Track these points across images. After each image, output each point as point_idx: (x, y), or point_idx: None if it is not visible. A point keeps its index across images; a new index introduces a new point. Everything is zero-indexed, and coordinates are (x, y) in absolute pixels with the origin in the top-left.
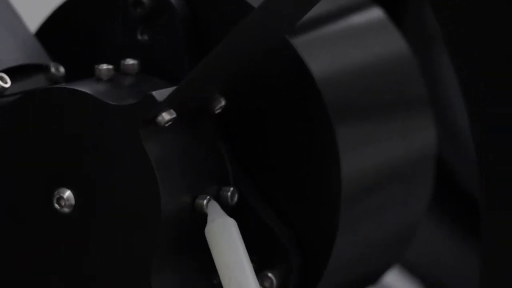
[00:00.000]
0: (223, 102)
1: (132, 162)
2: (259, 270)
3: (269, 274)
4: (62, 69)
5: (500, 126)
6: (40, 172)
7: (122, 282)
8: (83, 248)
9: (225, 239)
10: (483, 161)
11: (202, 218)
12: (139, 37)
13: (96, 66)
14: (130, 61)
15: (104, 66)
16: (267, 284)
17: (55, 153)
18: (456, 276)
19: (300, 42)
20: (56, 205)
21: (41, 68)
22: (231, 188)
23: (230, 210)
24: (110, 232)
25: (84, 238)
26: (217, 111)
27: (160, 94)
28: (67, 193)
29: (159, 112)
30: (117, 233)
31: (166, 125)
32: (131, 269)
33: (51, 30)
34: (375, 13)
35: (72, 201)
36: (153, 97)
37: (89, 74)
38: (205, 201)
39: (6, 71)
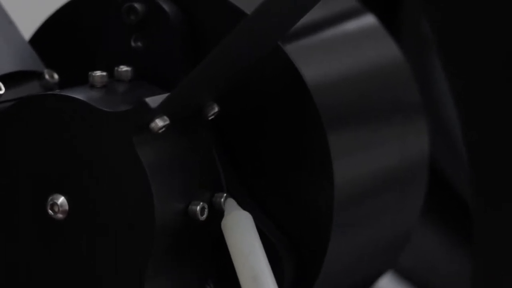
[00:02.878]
0: (216, 109)
1: (125, 169)
2: None
3: None
4: (56, 76)
5: (491, 130)
6: (34, 178)
7: (115, 287)
8: (77, 255)
9: (241, 230)
10: (475, 164)
11: (195, 225)
12: (133, 44)
13: (90, 72)
14: (124, 68)
15: (98, 73)
16: None
17: (49, 159)
18: (450, 281)
19: (293, 49)
20: (50, 211)
21: (35, 75)
22: (225, 194)
23: (223, 217)
24: (103, 238)
25: (77, 244)
26: (210, 118)
27: (154, 101)
28: (61, 199)
29: (152, 119)
30: (110, 239)
31: (160, 131)
32: (125, 275)
33: (45, 37)
34: (368, 20)
35: (66, 207)
36: (146, 104)
37: (83, 81)
38: (198, 208)
39: (0, 78)
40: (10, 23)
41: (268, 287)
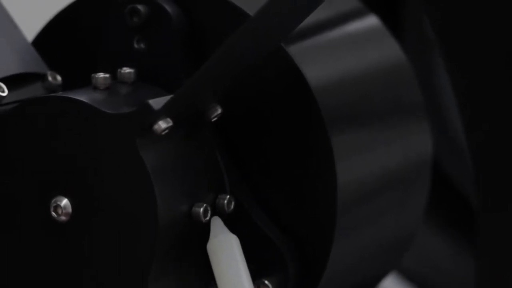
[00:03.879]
0: (219, 110)
1: (128, 171)
2: (256, 277)
3: (266, 282)
4: (59, 78)
5: (494, 130)
6: (37, 180)
7: None
8: (80, 256)
9: (226, 255)
10: (478, 164)
11: (198, 226)
12: (136, 45)
13: (92, 75)
14: (126, 70)
15: (101, 75)
16: None
17: (52, 161)
18: (453, 281)
19: (296, 50)
20: (53, 213)
21: (38, 77)
22: (228, 196)
23: (227, 218)
24: (107, 240)
25: (81, 246)
26: (213, 119)
27: (157, 103)
28: (64, 201)
29: (155, 121)
30: (114, 241)
31: (163, 133)
32: (128, 277)
33: (48, 39)
34: (371, 21)
35: (69, 209)
36: (149, 106)
37: (86, 83)
38: (201, 209)
39: (3, 80)
40: (13, 25)
41: None
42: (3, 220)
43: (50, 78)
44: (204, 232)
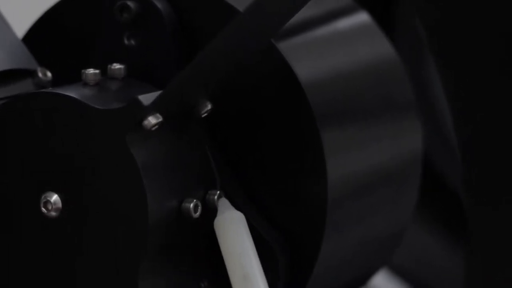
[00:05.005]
0: (209, 106)
1: (118, 166)
2: None
3: None
4: (49, 74)
5: (484, 126)
6: (27, 176)
7: (109, 286)
8: (70, 252)
9: (233, 230)
10: (468, 161)
11: (189, 222)
12: (126, 41)
13: (83, 70)
14: (117, 66)
15: (91, 71)
16: None
17: (42, 157)
18: (443, 278)
19: (286, 46)
20: (43, 209)
21: (28, 73)
22: (218, 192)
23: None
24: (97, 235)
25: (71, 242)
26: (203, 115)
27: (147, 98)
28: (54, 197)
29: (145, 116)
30: (104, 237)
31: (153, 129)
32: (119, 273)
33: (38, 35)
34: (362, 18)
35: (59, 205)
36: (139, 101)
37: (76, 79)
38: (192, 205)
39: None
40: (3, 21)
41: (258, 286)
42: None
43: (40, 74)
44: (194, 228)
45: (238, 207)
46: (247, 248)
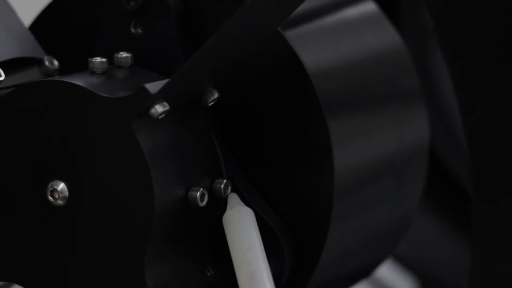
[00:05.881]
0: (216, 95)
1: (125, 155)
2: None
3: None
4: (56, 62)
5: (491, 114)
6: (34, 165)
7: (116, 273)
8: (77, 240)
9: (242, 225)
10: (474, 152)
11: (195, 211)
12: (133, 30)
13: (89, 59)
14: (123, 54)
15: (98, 59)
16: None
17: (48, 145)
18: (449, 268)
19: (293, 35)
20: (50, 198)
21: (35, 62)
22: (224, 181)
23: (224, 203)
24: (103, 223)
25: (78, 230)
26: (210, 104)
27: (153, 87)
28: (61, 186)
29: (152, 105)
30: (110, 225)
31: (159, 117)
32: (125, 260)
33: (45, 24)
34: (368, 6)
35: (66, 193)
36: (146, 90)
37: (83, 67)
38: (198, 193)
39: (0, 64)
40: (10, 10)
41: (264, 284)
42: (0, 206)
43: (47, 63)
44: (201, 216)
45: (243, 196)
46: (255, 245)
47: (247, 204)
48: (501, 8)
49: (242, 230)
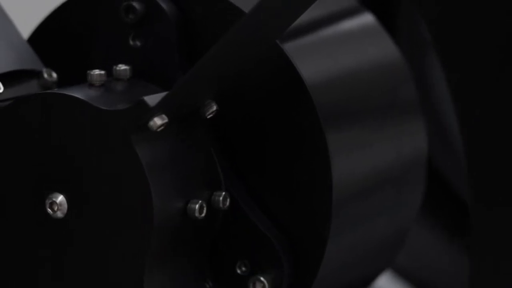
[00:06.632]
0: (215, 107)
1: (124, 167)
2: (252, 274)
3: (261, 278)
4: (54, 75)
5: (488, 126)
6: (32, 177)
7: (115, 285)
8: (76, 253)
9: None
10: (472, 162)
11: (194, 223)
12: (131, 42)
13: (88, 71)
14: (122, 67)
15: (96, 72)
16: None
17: (47, 158)
18: (447, 279)
19: (291, 47)
20: (49, 210)
21: (34, 74)
22: (223, 193)
23: (222, 215)
24: (102, 235)
25: (76, 242)
26: (209, 116)
27: (152, 99)
28: (60, 198)
29: (151, 117)
30: (109, 237)
31: (158, 130)
32: (124, 273)
33: (44, 36)
34: (366, 18)
35: (65, 205)
36: (145, 102)
37: (82, 79)
38: (197, 206)
39: None
40: (9, 22)
41: None
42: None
43: (45, 75)
44: (199, 228)
45: (242, 208)
46: None
47: (246, 216)
48: (499, 18)
49: None
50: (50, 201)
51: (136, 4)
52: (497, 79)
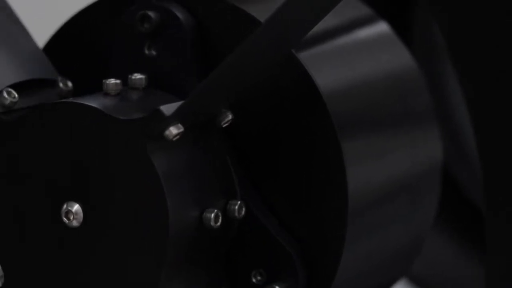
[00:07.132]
0: (230, 116)
1: (140, 177)
2: (267, 283)
3: (277, 287)
4: (70, 84)
5: (504, 135)
6: (48, 186)
7: None
8: (91, 262)
9: None
10: (487, 170)
11: (209, 232)
12: (147, 51)
13: (104, 80)
14: (137, 76)
15: (112, 81)
16: None
17: (63, 167)
18: (462, 287)
19: (306, 56)
20: (65, 219)
21: (49, 83)
22: (239, 202)
23: (238, 224)
24: (118, 245)
25: (92, 251)
26: (224, 125)
27: (168, 109)
28: (76, 207)
29: (167, 127)
30: (125, 247)
31: (174, 139)
32: (140, 282)
33: (59, 45)
34: (381, 27)
35: (81, 214)
36: (160, 112)
37: (97, 89)
38: (212, 215)
39: (14, 86)
40: (24, 31)
41: None
42: (15, 226)
43: (61, 84)
44: (215, 237)
45: (257, 217)
46: None
47: (261, 225)
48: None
49: None
50: (66, 210)
51: (151, 14)
52: None
